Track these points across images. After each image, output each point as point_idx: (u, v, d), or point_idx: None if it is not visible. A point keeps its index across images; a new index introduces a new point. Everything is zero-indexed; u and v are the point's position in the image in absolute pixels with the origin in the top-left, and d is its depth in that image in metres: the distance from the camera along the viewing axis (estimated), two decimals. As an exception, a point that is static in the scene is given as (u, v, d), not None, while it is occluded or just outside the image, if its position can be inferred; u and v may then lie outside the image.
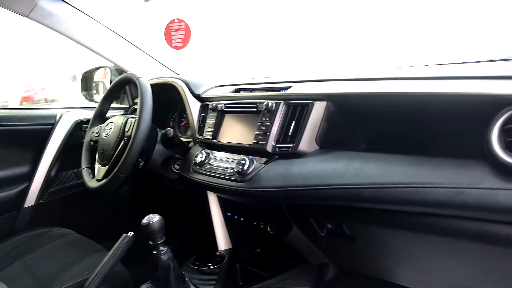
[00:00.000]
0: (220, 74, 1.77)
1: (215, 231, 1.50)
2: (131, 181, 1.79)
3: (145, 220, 1.03)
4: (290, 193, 1.03)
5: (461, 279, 0.96)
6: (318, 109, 1.08)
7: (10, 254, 1.33)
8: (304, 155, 1.08)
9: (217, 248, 1.50)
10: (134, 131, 1.28)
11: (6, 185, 1.60)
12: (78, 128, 1.75)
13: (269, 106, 1.15)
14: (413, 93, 0.94)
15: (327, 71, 1.33)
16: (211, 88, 1.53)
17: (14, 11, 1.49)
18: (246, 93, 1.36)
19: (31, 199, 1.66)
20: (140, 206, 1.92)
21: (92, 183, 1.40)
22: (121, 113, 1.87)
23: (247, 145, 1.19)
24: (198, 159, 1.31)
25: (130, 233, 1.08)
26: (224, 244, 1.49)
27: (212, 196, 1.49)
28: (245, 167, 1.12)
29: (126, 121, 1.39)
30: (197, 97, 1.52)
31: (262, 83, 1.38)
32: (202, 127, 1.42)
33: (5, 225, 1.59)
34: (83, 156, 1.51)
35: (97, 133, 1.49)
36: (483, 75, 0.86)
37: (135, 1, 1.80)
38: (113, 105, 1.84)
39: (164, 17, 1.86)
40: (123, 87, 1.71)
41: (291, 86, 1.22)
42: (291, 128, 1.11)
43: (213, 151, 1.33)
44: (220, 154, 1.30)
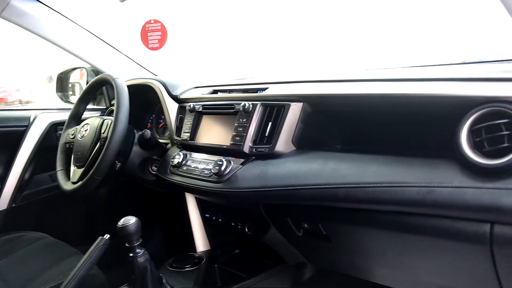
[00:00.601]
0: (200, 75, 1.77)
1: (193, 233, 1.50)
2: (108, 183, 1.76)
3: (121, 222, 1.02)
4: (267, 193, 1.04)
5: (434, 277, 0.98)
6: (295, 110, 1.09)
7: (-18, 260, 1.30)
8: (280, 156, 1.09)
9: (195, 250, 1.50)
10: (110, 132, 1.27)
11: (-23, 188, 1.56)
12: (53, 130, 1.72)
13: (246, 107, 1.15)
14: (387, 94, 0.96)
15: (304, 72, 1.34)
16: (189, 89, 1.53)
17: (-15, 10, 1.46)
18: (224, 94, 1.37)
19: (4, 202, 1.62)
20: (117, 208, 1.90)
21: (67, 186, 1.38)
22: (97, 114, 1.85)
23: (225, 146, 1.19)
24: (176, 161, 1.31)
25: (106, 236, 1.06)
26: (202, 246, 1.49)
27: (190, 197, 1.49)
28: (222, 168, 1.12)
29: (102, 122, 1.38)
30: (175, 98, 1.51)
31: (239, 84, 1.39)
32: (179, 129, 1.42)
33: (-23, 230, 1.55)
34: (58, 158, 1.49)
35: (72, 135, 1.47)
36: (454, 77, 0.89)
37: (111, 1, 1.77)
38: (90, 106, 1.82)
39: (143, 18, 1.84)
40: (99, 88, 1.69)
41: (268, 88, 1.23)
42: (268, 129, 1.12)
43: (190, 152, 1.33)
44: (198, 155, 1.30)
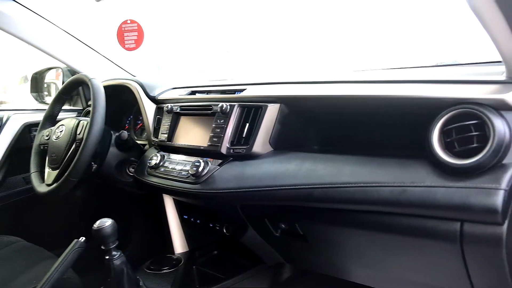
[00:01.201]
0: (181, 76, 1.76)
1: (171, 234, 1.49)
2: (84, 185, 1.74)
3: (96, 224, 1.01)
4: (244, 194, 1.04)
5: (410, 275, 1.00)
6: (272, 111, 1.10)
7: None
8: (258, 157, 1.10)
9: (173, 252, 1.49)
10: (86, 133, 1.25)
11: None
12: (27, 131, 1.69)
13: (223, 108, 1.15)
14: (363, 96, 0.97)
15: (282, 74, 1.35)
16: (167, 90, 1.52)
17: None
18: (201, 95, 1.37)
19: (-25, 206, 1.58)
20: (93, 211, 1.87)
21: (42, 188, 1.35)
22: (74, 115, 1.82)
23: (202, 147, 1.19)
24: (153, 162, 1.30)
25: (82, 239, 1.05)
26: (180, 247, 1.48)
27: (168, 199, 1.48)
28: (200, 169, 1.12)
29: (78, 123, 1.35)
30: (153, 99, 1.50)
31: (217, 85, 1.38)
32: (157, 130, 1.40)
33: None
34: (32, 160, 1.46)
35: (47, 136, 1.44)
36: (427, 79, 0.91)
37: (87, 1, 1.75)
38: (66, 107, 1.78)
39: (122, 18, 1.82)
40: (75, 89, 1.66)
41: (245, 89, 1.23)
42: (245, 130, 1.12)
43: (168, 154, 1.32)
44: (175, 157, 1.29)
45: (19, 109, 1.75)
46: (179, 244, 1.49)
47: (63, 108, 1.59)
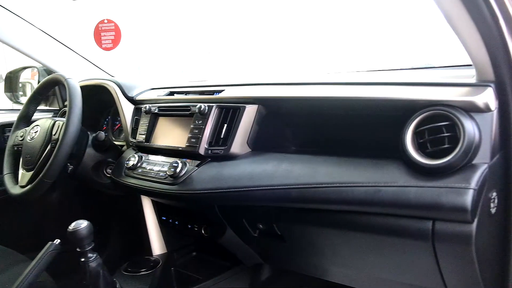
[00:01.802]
0: (161, 77, 1.75)
1: (149, 236, 1.47)
2: (60, 187, 1.71)
3: (71, 226, 1.00)
4: (222, 195, 1.04)
5: (385, 273, 1.01)
6: (250, 112, 1.10)
7: None
8: (236, 158, 1.10)
9: (151, 253, 1.48)
10: (61, 134, 1.23)
11: None
12: (0, 132, 1.65)
13: (201, 109, 1.15)
14: (340, 97, 0.99)
15: (260, 75, 1.36)
16: (145, 91, 1.51)
17: None
18: (180, 96, 1.36)
19: None
20: (70, 213, 1.83)
21: (15, 190, 1.32)
22: (50, 115, 1.78)
23: (180, 148, 1.18)
24: (131, 163, 1.28)
25: (56, 241, 1.03)
26: (158, 249, 1.47)
27: (146, 200, 1.47)
28: (178, 170, 1.12)
29: (54, 124, 1.33)
30: (130, 99, 1.49)
31: (196, 86, 1.38)
32: (135, 130, 1.39)
33: None
34: (5, 161, 1.42)
35: (21, 136, 1.41)
36: (402, 81, 0.93)
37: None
38: (42, 107, 1.75)
39: (101, 18, 1.80)
40: (51, 89, 1.63)
41: (224, 90, 1.23)
42: (223, 131, 1.12)
43: (146, 155, 1.31)
44: (154, 158, 1.28)
45: (-9, 109, 1.71)
46: (157, 246, 1.48)
47: (39, 108, 1.56)
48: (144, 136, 1.33)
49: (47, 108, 1.91)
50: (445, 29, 0.78)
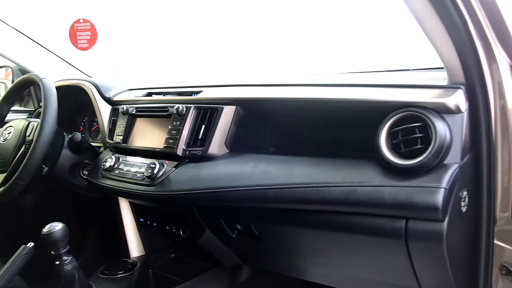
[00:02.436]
0: (141, 78, 1.73)
1: (127, 238, 1.46)
2: (35, 189, 1.67)
3: (46, 228, 0.98)
4: (200, 195, 1.04)
5: (362, 272, 1.03)
6: (227, 113, 1.11)
7: None
8: (214, 158, 1.10)
9: (129, 256, 1.46)
10: (36, 135, 1.21)
11: None
12: (-29, 133, 1.60)
13: (179, 110, 1.15)
14: (316, 98, 1.00)
15: (238, 76, 1.37)
16: (123, 92, 1.50)
17: None
18: (158, 97, 1.36)
19: None
20: (45, 216, 1.80)
21: (-12, 192, 1.29)
22: (24, 116, 1.75)
23: (158, 149, 1.18)
24: (107, 164, 1.27)
25: (30, 244, 1.01)
26: (136, 251, 1.46)
27: (124, 202, 1.45)
28: (155, 171, 1.11)
29: (28, 124, 1.31)
30: (108, 100, 1.47)
31: (174, 87, 1.38)
32: (112, 131, 1.38)
33: None
34: (-22, 163, 1.39)
35: (-6, 137, 1.38)
36: (378, 83, 0.95)
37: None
38: (16, 108, 1.72)
39: (78, 17, 1.78)
40: (25, 89, 1.60)
41: (202, 91, 1.23)
42: (201, 132, 1.12)
43: (123, 156, 1.30)
44: (131, 159, 1.27)
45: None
46: (135, 248, 1.46)
47: (13, 109, 1.53)
48: (121, 137, 1.31)
49: (22, 109, 1.87)
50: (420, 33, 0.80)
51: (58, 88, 1.30)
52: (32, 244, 1.01)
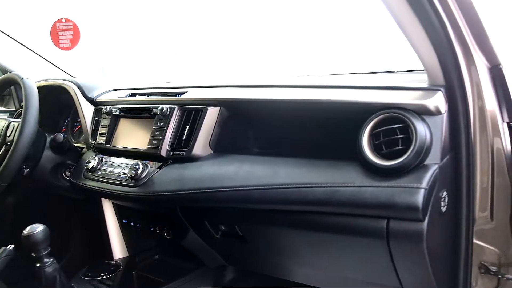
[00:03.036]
0: (122, 78, 1.71)
1: (110, 240, 1.44)
2: (15, 190, 1.65)
3: (26, 230, 0.97)
4: (184, 196, 1.04)
5: (345, 272, 1.04)
6: (212, 114, 1.11)
7: None
8: (198, 159, 1.10)
9: (113, 257, 1.45)
10: (16, 136, 1.19)
11: None
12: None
13: (163, 110, 1.14)
14: (300, 100, 1.01)
15: (223, 77, 1.37)
16: (106, 92, 1.48)
17: None
18: (142, 98, 1.35)
19: None
20: (26, 217, 1.77)
21: (-33, 193, 1.27)
22: (5, 117, 1.72)
23: (142, 150, 1.17)
24: (90, 165, 1.26)
25: (10, 246, 1.00)
26: (120, 253, 1.45)
27: (107, 203, 1.44)
28: (139, 172, 1.11)
29: (8, 125, 1.29)
30: (91, 100, 1.46)
31: (158, 88, 1.37)
32: (95, 132, 1.37)
33: None
34: (-44, 164, 1.36)
35: (-27, 138, 1.36)
36: (360, 85, 0.96)
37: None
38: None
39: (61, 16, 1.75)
40: (6, 89, 1.57)
41: (186, 91, 1.23)
42: (185, 132, 1.12)
43: (107, 157, 1.29)
44: (114, 160, 1.27)
45: None
46: (118, 249, 1.45)
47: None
48: (104, 138, 1.30)
49: (2, 109, 1.84)
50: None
51: (40, 88, 1.28)
52: (12, 246, 0.99)
